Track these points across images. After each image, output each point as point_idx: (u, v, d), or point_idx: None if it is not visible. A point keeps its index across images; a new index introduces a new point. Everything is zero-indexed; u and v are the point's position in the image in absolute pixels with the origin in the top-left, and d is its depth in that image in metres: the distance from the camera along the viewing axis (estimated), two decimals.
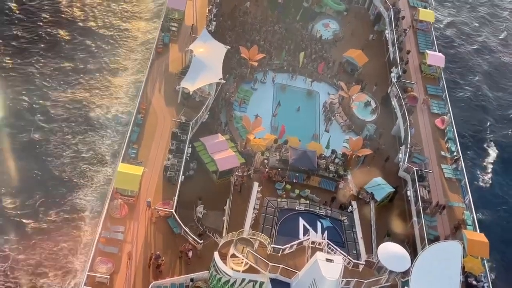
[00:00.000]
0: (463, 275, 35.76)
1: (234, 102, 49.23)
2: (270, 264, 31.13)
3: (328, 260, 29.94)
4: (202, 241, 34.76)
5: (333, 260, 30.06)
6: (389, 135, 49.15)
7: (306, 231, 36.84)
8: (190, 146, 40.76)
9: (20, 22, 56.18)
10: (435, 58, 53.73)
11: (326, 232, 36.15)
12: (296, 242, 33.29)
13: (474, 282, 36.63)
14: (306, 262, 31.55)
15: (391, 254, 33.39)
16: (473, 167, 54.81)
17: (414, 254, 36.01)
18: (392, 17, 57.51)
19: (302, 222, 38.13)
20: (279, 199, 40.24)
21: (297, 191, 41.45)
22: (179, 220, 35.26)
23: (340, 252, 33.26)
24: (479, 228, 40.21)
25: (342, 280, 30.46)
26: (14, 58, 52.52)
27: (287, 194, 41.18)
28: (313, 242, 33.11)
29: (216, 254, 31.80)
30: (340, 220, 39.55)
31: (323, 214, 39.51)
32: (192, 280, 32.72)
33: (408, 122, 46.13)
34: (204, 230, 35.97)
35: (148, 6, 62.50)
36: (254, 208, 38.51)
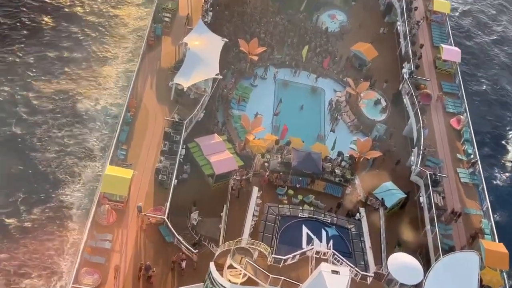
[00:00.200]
0: None
1: (232, 100, 49.36)
2: (271, 276, 31.14)
3: (333, 272, 29.81)
4: (197, 250, 34.79)
5: (339, 272, 29.93)
6: (400, 136, 49.28)
7: (309, 240, 36.94)
8: (184, 147, 40.81)
9: (0, 6, 56.31)
10: (451, 53, 53.92)
11: (331, 241, 36.18)
12: (299, 252, 33.29)
13: None
14: (310, 274, 31.51)
15: (402, 265, 33.38)
16: (490, 166, 54.99)
17: (427, 265, 36.03)
18: (404, 7, 57.67)
19: (305, 230, 38.23)
20: (281, 205, 40.35)
21: (300, 197, 41.57)
22: (172, 227, 35.29)
23: (346, 263, 33.26)
24: (498, 237, 40.29)
25: None
26: None
27: (289, 200, 41.28)
28: (317, 252, 33.06)
29: (211, 264, 31.67)
30: (346, 228, 39.66)
31: (329, 221, 39.61)
32: None
33: (421, 122, 46.20)
34: (199, 239, 36.03)
35: None
36: (254, 215, 38.57)
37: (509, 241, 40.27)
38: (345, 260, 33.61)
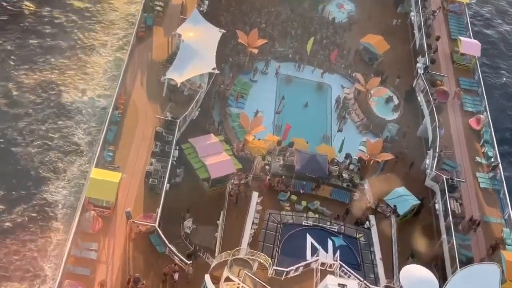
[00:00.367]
0: None
1: (229, 97, 49.36)
2: None
3: (340, 285, 30.04)
4: (191, 261, 34.64)
5: (346, 285, 30.16)
6: (414, 137, 49.26)
7: (314, 251, 36.81)
8: (177, 148, 40.78)
9: None
10: (470, 46, 53.84)
11: (338, 252, 36.33)
12: (302, 263, 33.40)
13: None
14: None
15: (416, 278, 33.21)
16: (511, 165, 54.57)
17: (443, 279, 35.98)
18: None
19: (310, 239, 38.17)
20: (283, 213, 40.33)
21: (304, 203, 41.54)
22: (163, 236, 35.14)
23: (355, 276, 33.40)
24: None
25: None
26: None
27: (292, 207, 41.26)
28: (323, 264, 33.27)
29: (207, 277, 31.65)
30: (355, 237, 39.64)
31: (335, 230, 39.57)
32: None
33: (436, 121, 46.18)
34: (194, 249, 35.88)
35: None
36: (253, 222, 38.54)
37: None
38: (353, 272, 33.83)
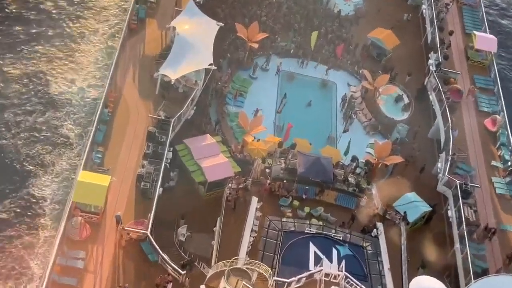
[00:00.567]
0: None
1: (227, 94, 49.52)
2: None
3: None
4: (185, 271, 34.75)
5: None
6: (425, 139, 49.45)
7: (318, 260, 36.80)
8: (171, 150, 40.89)
9: None
10: (485, 41, 54.00)
11: (343, 261, 36.17)
12: (305, 274, 33.34)
13: None
14: None
15: None
16: None
17: None
18: None
19: (313, 248, 38.16)
20: (284, 219, 40.32)
21: (307, 209, 41.56)
22: (156, 244, 35.23)
23: (361, 287, 33.28)
24: None
25: None
26: None
27: (294, 213, 41.29)
28: (327, 275, 33.19)
29: None
30: (361, 246, 39.68)
31: (340, 238, 39.59)
32: None
33: (449, 122, 46.26)
34: (190, 259, 36.03)
35: None
36: (252, 230, 38.53)
37: None
38: (359, 284, 33.74)
